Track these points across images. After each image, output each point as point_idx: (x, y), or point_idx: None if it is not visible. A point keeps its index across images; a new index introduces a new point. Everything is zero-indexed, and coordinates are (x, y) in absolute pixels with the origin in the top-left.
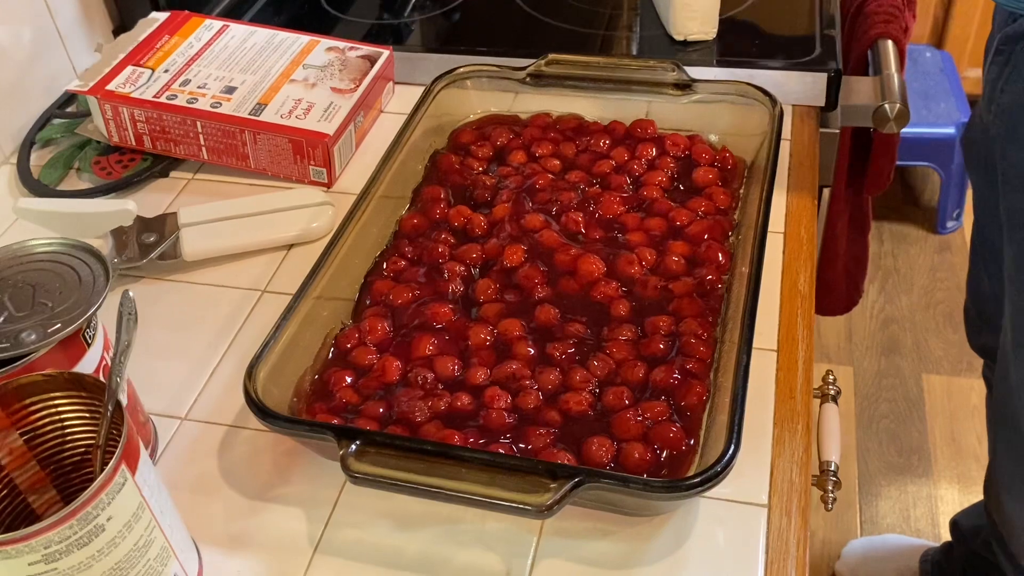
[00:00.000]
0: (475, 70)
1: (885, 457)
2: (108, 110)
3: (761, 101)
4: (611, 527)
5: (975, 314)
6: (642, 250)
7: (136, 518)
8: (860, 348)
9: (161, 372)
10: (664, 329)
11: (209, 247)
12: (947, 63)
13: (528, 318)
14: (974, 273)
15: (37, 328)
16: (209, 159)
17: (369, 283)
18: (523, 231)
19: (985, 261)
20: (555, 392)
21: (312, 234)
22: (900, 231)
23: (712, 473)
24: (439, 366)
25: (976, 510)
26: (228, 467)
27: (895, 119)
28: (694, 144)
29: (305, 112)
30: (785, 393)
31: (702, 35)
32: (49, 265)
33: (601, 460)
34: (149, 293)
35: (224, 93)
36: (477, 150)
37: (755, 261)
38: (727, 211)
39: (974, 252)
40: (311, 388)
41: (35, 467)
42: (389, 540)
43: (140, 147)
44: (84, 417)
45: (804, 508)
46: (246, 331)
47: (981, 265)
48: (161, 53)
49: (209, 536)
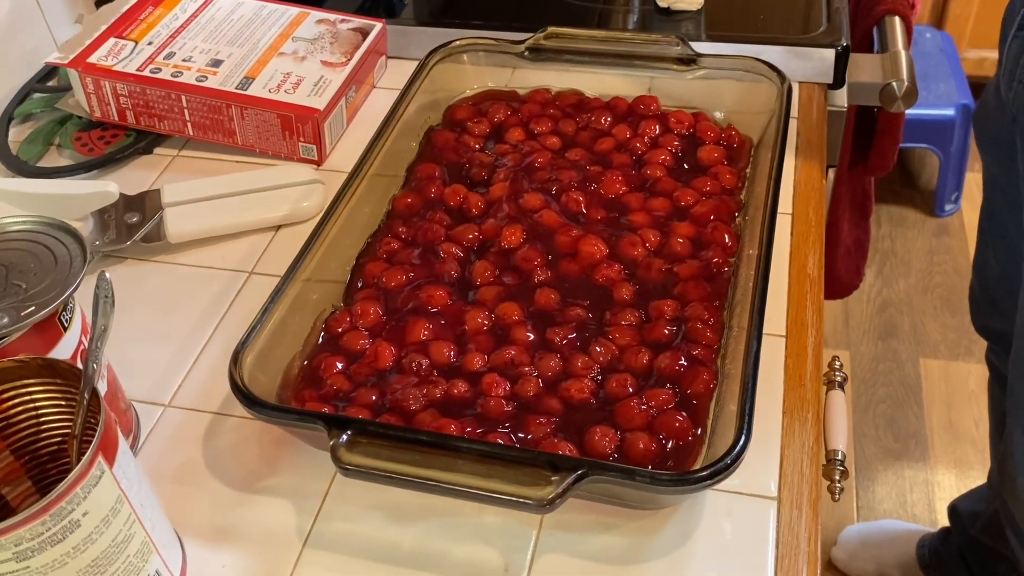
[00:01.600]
0: (471, 43)
1: (882, 442)
2: (89, 84)
3: (769, 77)
4: (614, 520)
5: (981, 296)
6: (645, 231)
7: (114, 512)
8: (857, 332)
9: (144, 357)
10: (669, 314)
11: (194, 228)
12: (947, 44)
13: (527, 302)
14: (981, 254)
15: (10, 311)
16: (194, 135)
17: (361, 265)
18: (522, 211)
19: (994, 241)
20: (555, 379)
21: (302, 214)
22: (898, 214)
23: (722, 465)
24: (434, 352)
25: (975, 495)
26: (213, 457)
27: (903, 97)
28: (699, 121)
29: (294, 86)
30: (795, 381)
31: (687, 4)
32: (23, 244)
33: (604, 450)
34: (132, 275)
35: (210, 66)
36: (473, 127)
37: (765, 243)
38: (733, 191)
39: (983, 232)
40: (300, 374)
41: (8, 457)
42: (382, 534)
43: (123, 122)
44: (60, 405)
45: (815, 500)
46: (232, 314)
47: (989, 245)
48: (145, 25)
49: (193, 529)
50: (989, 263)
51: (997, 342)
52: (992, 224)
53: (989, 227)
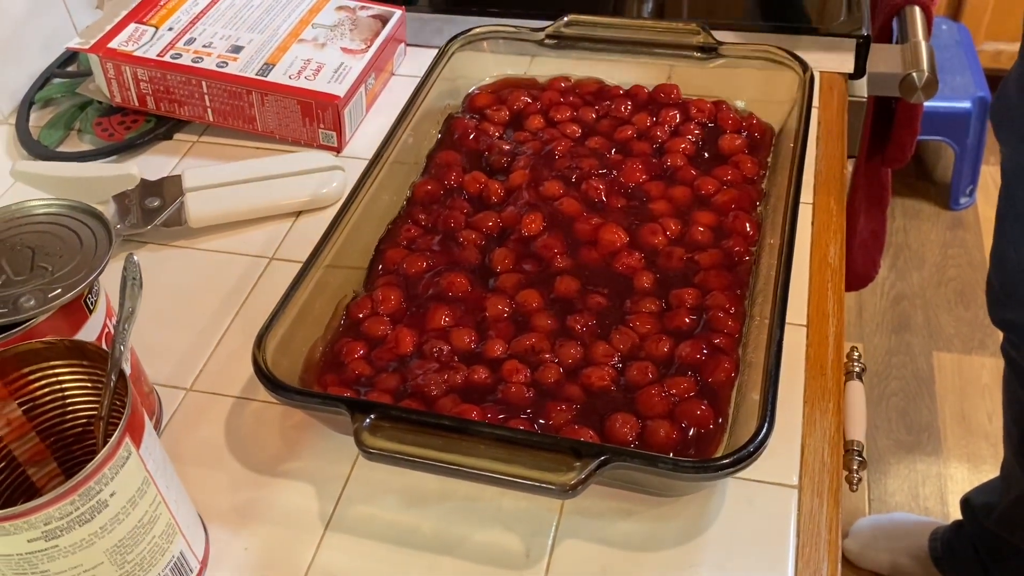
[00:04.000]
0: (491, 31)
1: (894, 435)
2: (110, 69)
3: (791, 66)
4: (634, 507)
5: (999, 287)
6: (666, 220)
7: (140, 493)
8: (870, 325)
9: (165, 341)
10: (690, 302)
11: (215, 212)
12: (963, 36)
13: (547, 289)
14: (999, 245)
15: (36, 293)
16: (215, 121)
17: (381, 251)
18: (541, 199)
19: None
20: (576, 367)
21: (322, 200)
22: (912, 206)
23: (745, 453)
24: (455, 338)
25: (988, 488)
26: (235, 440)
27: (923, 88)
28: (720, 110)
29: (315, 73)
30: (816, 370)
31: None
32: (49, 227)
33: (625, 438)
34: (153, 259)
35: (230, 52)
36: (493, 114)
37: (787, 232)
38: (754, 180)
39: (1001, 223)
40: (321, 359)
41: (35, 439)
42: (403, 517)
43: (143, 108)
44: (86, 387)
45: (836, 490)
46: (253, 300)
47: (1007, 236)
48: (165, 11)
49: (216, 512)
50: (1008, 255)
51: (1015, 333)
52: (1012, 214)
53: (1009, 217)
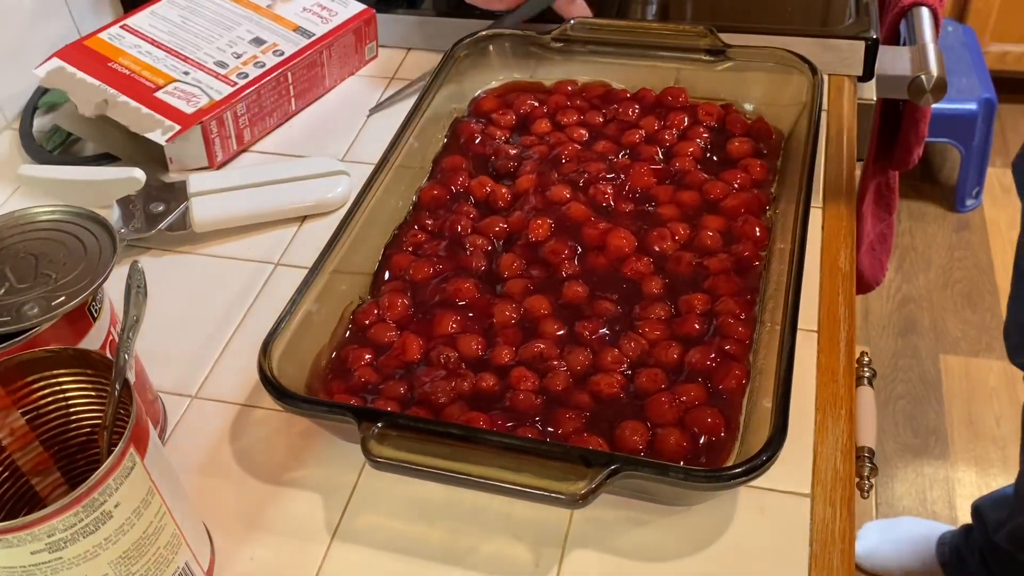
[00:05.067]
0: (497, 35)
1: (901, 438)
2: (213, 128)
3: (799, 69)
4: (644, 516)
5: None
6: (675, 224)
7: (145, 504)
8: (877, 328)
9: (170, 347)
10: (699, 308)
11: (220, 217)
12: (969, 37)
13: (555, 295)
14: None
15: (40, 301)
16: (296, 109)
17: (388, 256)
18: (549, 203)
19: None
20: (585, 373)
21: (328, 204)
22: (918, 208)
23: (757, 462)
24: (462, 345)
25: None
26: (240, 449)
27: (932, 91)
28: (728, 113)
29: (330, 14)
30: (827, 377)
31: None
32: (53, 234)
33: (635, 446)
34: (157, 265)
35: (252, 45)
36: (499, 118)
37: (798, 237)
38: (763, 184)
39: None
40: (328, 366)
41: (38, 448)
42: (411, 527)
43: (241, 146)
44: (90, 396)
45: (848, 498)
46: (259, 306)
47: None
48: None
49: (221, 521)
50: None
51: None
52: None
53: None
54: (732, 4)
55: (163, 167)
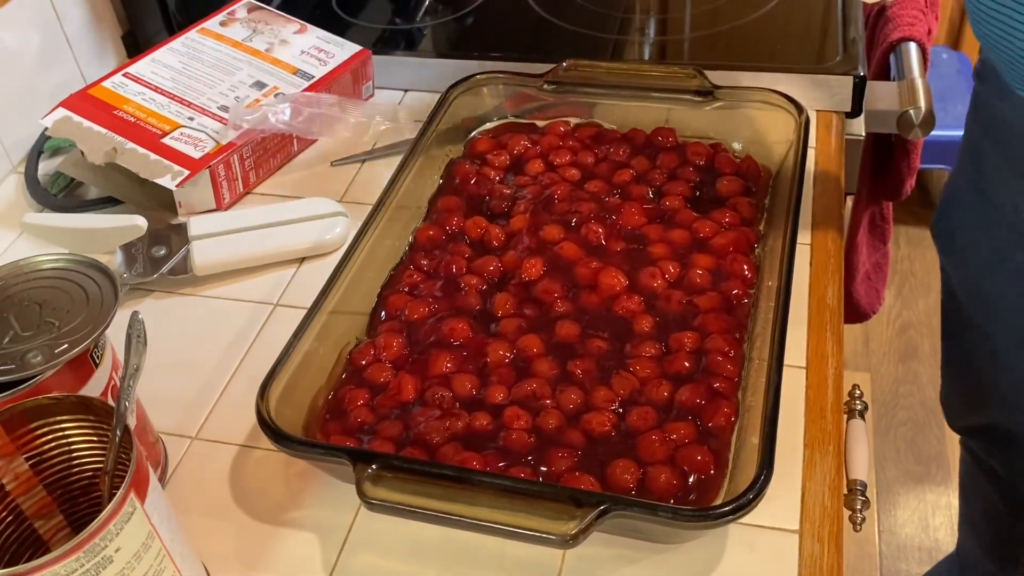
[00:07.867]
0: (491, 77)
1: (903, 465)
2: (220, 171)
3: (786, 109)
4: (636, 554)
5: (957, 403)
6: (665, 263)
7: (145, 548)
8: (877, 354)
9: (171, 389)
10: (689, 346)
11: (220, 260)
12: (963, 65)
13: (548, 334)
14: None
15: (44, 348)
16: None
17: (384, 297)
18: (542, 243)
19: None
20: (577, 412)
21: (325, 246)
22: (916, 234)
23: (744, 500)
24: (457, 385)
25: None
26: (239, 489)
27: (920, 125)
28: (717, 153)
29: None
30: (815, 412)
31: None
32: (56, 282)
33: (626, 484)
34: (159, 308)
35: (253, 88)
36: (494, 159)
37: (785, 274)
38: (752, 222)
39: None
40: (325, 406)
41: (42, 492)
42: (407, 566)
43: (247, 188)
44: (92, 441)
45: (837, 534)
46: (258, 347)
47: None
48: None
49: (220, 561)
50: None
51: (985, 439)
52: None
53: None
54: (727, 42)
55: (169, 210)
